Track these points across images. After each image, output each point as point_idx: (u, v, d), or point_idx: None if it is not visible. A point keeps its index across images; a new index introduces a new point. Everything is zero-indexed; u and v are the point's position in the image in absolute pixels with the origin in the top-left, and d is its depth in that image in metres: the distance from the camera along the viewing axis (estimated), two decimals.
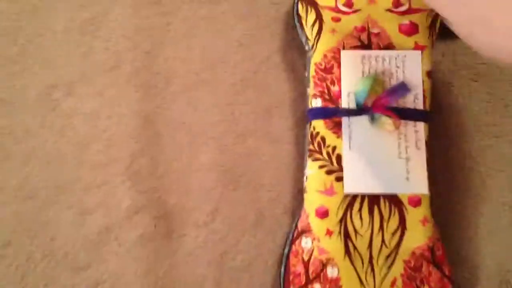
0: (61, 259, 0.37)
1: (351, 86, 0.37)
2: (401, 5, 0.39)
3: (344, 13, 0.39)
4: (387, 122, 0.35)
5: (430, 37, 0.38)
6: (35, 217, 0.37)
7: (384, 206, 0.35)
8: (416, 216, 0.35)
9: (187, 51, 0.41)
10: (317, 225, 0.35)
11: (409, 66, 0.37)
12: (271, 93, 0.41)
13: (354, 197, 0.35)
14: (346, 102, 0.37)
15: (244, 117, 0.40)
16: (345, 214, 0.35)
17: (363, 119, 0.36)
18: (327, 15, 0.39)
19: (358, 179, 0.35)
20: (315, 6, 0.39)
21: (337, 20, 0.39)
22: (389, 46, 0.38)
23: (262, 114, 0.40)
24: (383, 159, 0.35)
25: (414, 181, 0.35)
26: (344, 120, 0.36)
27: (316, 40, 0.38)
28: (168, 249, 0.37)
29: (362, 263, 0.35)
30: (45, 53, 0.40)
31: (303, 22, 0.39)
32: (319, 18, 0.39)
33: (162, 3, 0.42)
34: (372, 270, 0.35)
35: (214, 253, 0.37)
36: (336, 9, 0.39)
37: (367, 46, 0.38)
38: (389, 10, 0.39)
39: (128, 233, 0.37)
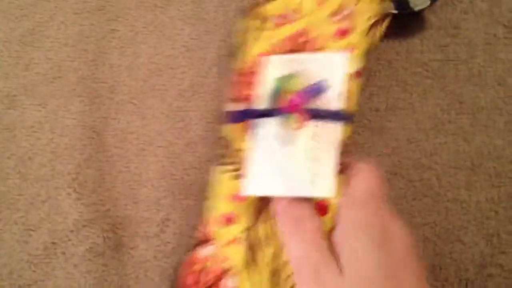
0: (6, 277, 0.42)
1: (267, 88, 0.40)
2: (343, 11, 0.44)
3: (281, 23, 0.43)
4: (294, 120, 0.38)
5: (366, 36, 0.43)
6: None
7: None
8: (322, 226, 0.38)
9: (133, 58, 0.47)
10: (222, 233, 0.39)
11: (334, 67, 0.40)
12: (221, 98, 0.47)
13: (262, 205, 0.39)
14: (260, 103, 0.40)
15: (193, 124, 0.46)
16: (252, 221, 0.39)
17: (273, 120, 0.39)
18: (269, 22, 0.43)
19: (260, 180, 0.37)
20: (258, 16, 0.44)
21: (277, 26, 0.43)
22: (320, 49, 0.43)
23: (212, 120, 0.46)
24: (290, 161, 0.38)
25: (321, 184, 0.37)
26: (254, 120, 0.40)
27: (245, 46, 0.43)
28: (118, 263, 0.43)
29: (265, 274, 0.39)
30: None
31: (241, 34, 0.44)
32: (259, 26, 0.44)
33: (106, 10, 0.48)
34: (277, 283, 0.39)
35: (165, 265, 0.43)
36: (279, 17, 0.44)
37: (297, 51, 0.42)
38: (328, 16, 0.43)
39: (76, 248, 0.43)
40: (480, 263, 0.45)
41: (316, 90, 0.40)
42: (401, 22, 0.50)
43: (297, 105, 0.39)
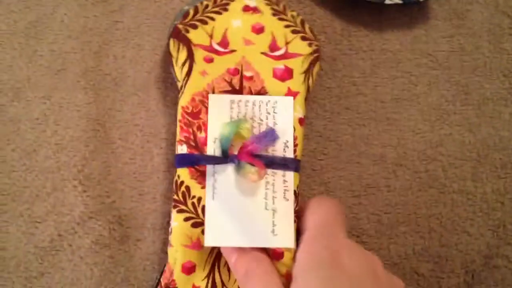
0: (13, 269, 0.42)
1: (217, 132, 0.40)
2: (278, 49, 0.43)
3: (218, 53, 0.42)
4: (251, 171, 0.38)
5: (305, 82, 0.43)
6: None
7: None
8: (279, 270, 0.39)
9: (137, 50, 0.47)
10: (183, 282, 0.39)
11: (280, 112, 0.41)
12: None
13: (219, 251, 0.40)
14: (212, 149, 0.40)
15: None
16: (212, 268, 0.40)
17: (228, 168, 0.40)
18: (199, 55, 0.42)
19: (220, 231, 0.38)
20: (188, 45, 0.42)
21: (210, 60, 0.42)
22: (261, 91, 0.42)
23: None
24: (248, 211, 0.39)
25: (280, 234, 0.38)
26: (209, 168, 0.40)
27: (184, 82, 0.42)
28: (124, 255, 0.43)
29: None
30: None
31: (174, 61, 0.42)
32: (190, 57, 0.42)
33: (109, 2, 0.48)
34: None
35: None
36: (210, 49, 0.42)
37: (237, 91, 0.42)
38: (265, 54, 0.43)
39: (82, 240, 0.43)
40: (486, 254, 0.45)
41: (269, 136, 0.40)
42: (406, 13, 0.50)
43: (251, 152, 0.39)
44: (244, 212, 0.39)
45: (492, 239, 0.45)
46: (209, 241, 0.38)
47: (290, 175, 0.40)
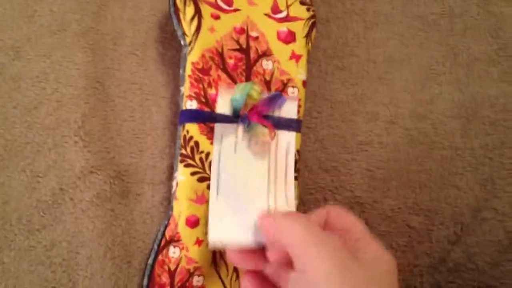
0: (15, 222, 0.43)
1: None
2: (280, 11, 0.45)
3: (223, 10, 0.44)
4: (263, 131, 0.40)
5: (307, 45, 0.45)
6: None
7: None
8: None
9: (135, 11, 0.49)
10: (187, 234, 0.41)
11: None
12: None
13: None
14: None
15: None
16: None
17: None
18: (206, 11, 0.44)
19: (223, 231, 0.38)
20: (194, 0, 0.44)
21: (217, 17, 0.44)
22: (267, 52, 0.44)
23: None
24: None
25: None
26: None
27: (194, 37, 0.43)
28: (125, 208, 0.45)
29: (227, 270, 0.42)
30: None
31: (181, 15, 0.43)
32: (198, 13, 0.44)
33: None
34: (237, 277, 0.42)
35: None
36: (215, 5, 0.44)
37: (245, 50, 0.44)
38: (268, 15, 0.45)
39: (83, 194, 0.44)
40: (475, 207, 0.47)
41: (278, 98, 0.41)
42: None
43: (261, 113, 0.41)
44: (247, 205, 0.40)
45: (481, 192, 0.47)
46: (214, 242, 0.38)
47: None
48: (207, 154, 0.41)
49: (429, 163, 0.48)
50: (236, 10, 0.44)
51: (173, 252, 0.41)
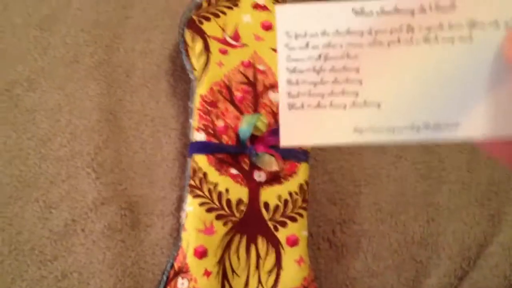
0: (27, 253, 0.44)
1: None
2: None
3: (231, 46, 0.46)
4: (270, 161, 0.42)
5: None
6: (0, 213, 0.45)
7: (262, 245, 0.43)
8: (292, 256, 0.43)
9: (147, 44, 0.50)
10: (195, 266, 0.42)
11: None
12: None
13: (233, 236, 0.42)
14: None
15: None
16: (223, 253, 0.42)
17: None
18: (214, 46, 0.46)
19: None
20: (202, 35, 0.46)
21: (224, 52, 0.46)
22: (274, 85, 0.45)
23: None
24: None
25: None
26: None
27: (202, 71, 0.45)
28: (135, 240, 0.46)
29: None
30: (4, 49, 0.49)
31: (189, 50, 0.45)
32: (206, 48, 0.45)
33: None
34: None
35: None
36: (223, 41, 0.46)
37: (252, 83, 0.45)
38: (275, 50, 0.46)
39: (95, 225, 0.45)
40: (482, 242, 0.48)
41: None
42: None
43: (268, 144, 0.42)
44: None
45: (488, 227, 0.48)
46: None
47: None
48: (216, 185, 0.42)
49: (436, 197, 0.49)
50: (243, 45, 0.46)
51: (182, 283, 0.42)
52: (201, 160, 0.43)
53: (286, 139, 0.26)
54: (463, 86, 0.25)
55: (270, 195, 0.43)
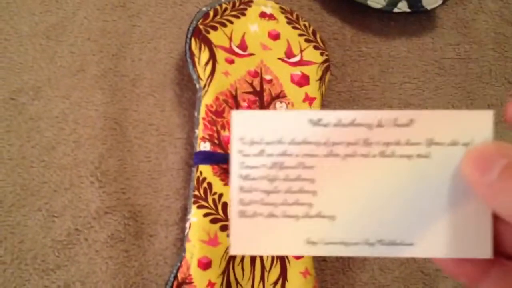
0: (30, 262, 0.44)
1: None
2: (294, 56, 0.47)
3: (238, 55, 0.46)
4: None
5: (320, 89, 0.46)
6: (3, 221, 0.45)
7: (267, 257, 0.42)
8: (297, 268, 0.42)
9: (153, 53, 0.50)
10: (199, 277, 0.41)
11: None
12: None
13: None
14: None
15: None
16: (227, 265, 0.42)
17: None
18: (221, 56, 0.45)
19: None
20: (209, 45, 0.46)
21: (231, 62, 0.45)
22: (281, 95, 0.45)
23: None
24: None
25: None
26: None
27: (208, 81, 0.44)
28: (138, 249, 0.45)
29: None
30: (11, 57, 0.49)
31: (196, 60, 0.45)
32: (212, 58, 0.45)
33: (127, 6, 0.51)
34: None
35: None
36: (230, 50, 0.46)
37: (259, 92, 0.45)
38: (282, 59, 0.46)
39: (98, 234, 0.45)
40: None
41: None
42: (414, 21, 0.53)
43: None
44: None
45: None
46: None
47: None
48: (220, 196, 0.42)
49: None
50: (250, 54, 0.46)
51: None
52: (206, 170, 0.42)
53: (237, 248, 0.25)
54: (420, 204, 0.24)
55: None
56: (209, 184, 0.42)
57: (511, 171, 0.20)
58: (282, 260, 0.42)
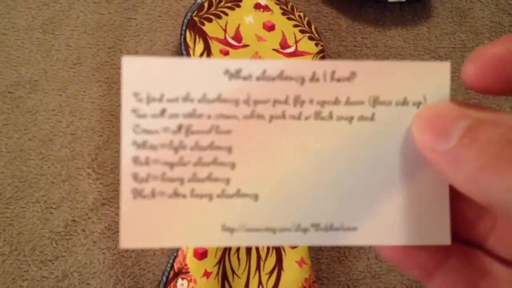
0: (28, 253, 0.45)
1: None
2: (289, 46, 0.47)
3: (232, 46, 0.46)
4: None
5: None
6: (1, 213, 0.46)
7: (262, 246, 0.43)
8: (293, 257, 0.43)
9: (149, 46, 0.51)
10: (195, 266, 0.42)
11: None
12: None
13: None
14: None
15: None
16: (223, 255, 0.43)
17: None
18: (215, 47, 0.46)
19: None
20: (204, 36, 0.46)
21: (226, 53, 0.46)
22: None
23: None
24: None
25: None
26: None
27: None
28: None
29: None
30: (8, 51, 0.50)
31: (191, 51, 0.45)
32: (207, 49, 0.46)
33: None
34: None
35: None
36: (225, 42, 0.46)
37: None
38: (276, 50, 0.47)
39: (95, 225, 0.46)
40: None
41: None
42: (410, 11, 0.53)
43: None
44: None
45: None
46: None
47: None
48: None
49: None
50: (245, 46, 0.46)
51: (181, 284, 0.42)
52: None
53: (128, 239, 0.20)
54: (363, 178, 0.20)
55: None
56: None
57: (474, 135, 0.16)
58: (278, 250, 0.43)
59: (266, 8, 0.48)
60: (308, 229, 0.20)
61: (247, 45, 0.47)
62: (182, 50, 0.47)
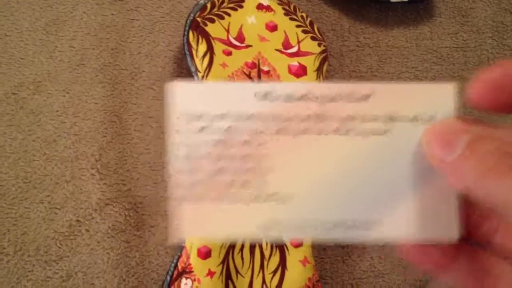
0: (33, 253, 0.46)
1: None
2: (291, 47, 0.48)
3: (235, 47, 0.47)
4: None
5: (318, 79, 0.47)
6: (6, 213, 0.46)
7: (266, 246, 0.44)
8: (296, 256, 0.44)
9: (152, 47, 0.51)
10: (199, 266, 0.42)
11: None
12: None
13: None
14: None
15: None
16: (227, 254, 0.43)
17: None
18: (218, 48, 0.47)
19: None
20: (207, 37, 0.47)
21: (228, 53, 0.46)
22: None
23: None
24: None
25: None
26: None
27: (206, 73, 0.45)
28: (139, 240, 0.47)
29: None
30: (11, 53, 0.50)
31: (194, 52, 0.46)
32: (210, 50, 0.46)
33: (125, 0, 0.53)
34: None
35: None
36: (227, 43, 0.47)
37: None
38: (279, 51, 0.47)
39: (99, 225, 0.46)
40: None
41: None
42: (412, 10, 0.53)
43: None
44: None
45: None
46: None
47: None
48: None
49: None
50: (248, 46, 0.47)
51: (185, 283, 0.42)
52: None
53: (178, 236, 0.23)
54: (381, 184, 0.23)
55: None
56: None
57: (474, 147, 0.19)
58: (281, 249, 0.44)
59: (268, 8, 0.49)
60: (332, 225, 0.23)
61: (250, 46, 0.47)
62: (185, 51, 0.47)
